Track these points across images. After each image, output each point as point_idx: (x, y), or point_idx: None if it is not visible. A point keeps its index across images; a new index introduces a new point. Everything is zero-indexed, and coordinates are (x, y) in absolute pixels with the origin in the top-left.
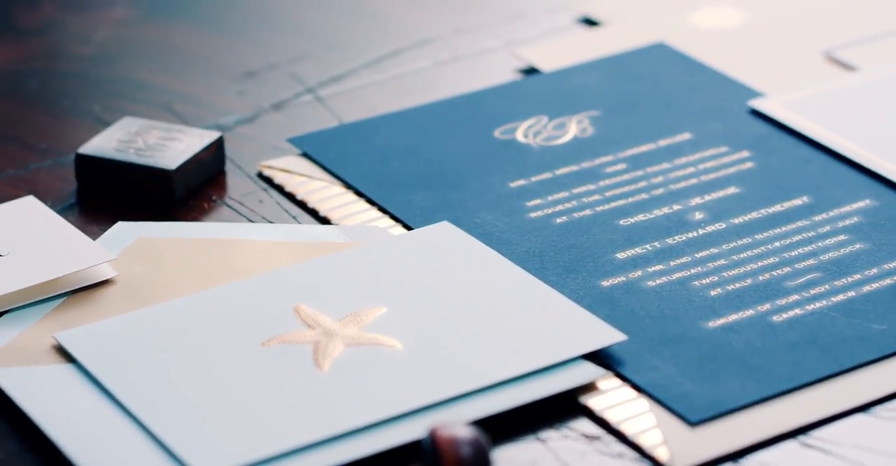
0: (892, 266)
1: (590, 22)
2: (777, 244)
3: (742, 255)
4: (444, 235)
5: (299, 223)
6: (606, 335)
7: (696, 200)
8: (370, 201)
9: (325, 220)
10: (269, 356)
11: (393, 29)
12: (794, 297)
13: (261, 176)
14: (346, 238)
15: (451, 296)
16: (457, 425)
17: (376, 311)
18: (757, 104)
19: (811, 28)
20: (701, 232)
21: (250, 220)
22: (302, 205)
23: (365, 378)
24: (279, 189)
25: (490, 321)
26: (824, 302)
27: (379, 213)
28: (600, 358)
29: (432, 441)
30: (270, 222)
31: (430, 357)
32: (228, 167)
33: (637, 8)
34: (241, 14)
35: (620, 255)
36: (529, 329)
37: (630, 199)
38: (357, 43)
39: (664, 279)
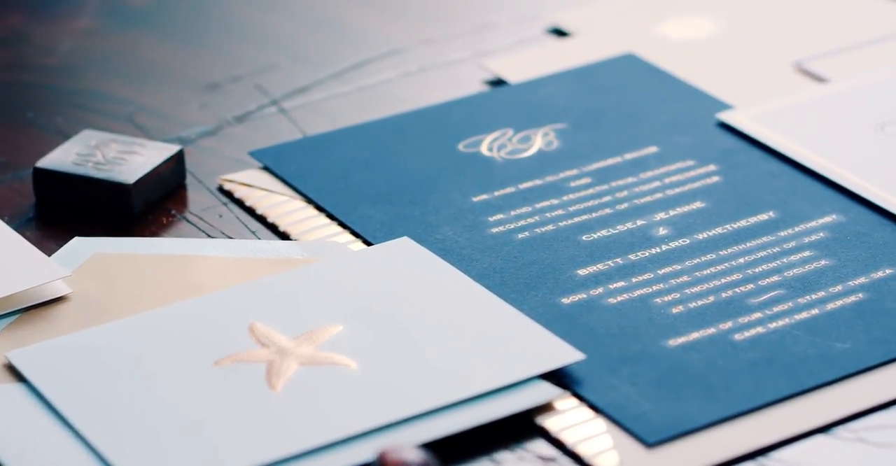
0: (856, 283)
1: (559, 32)
2: (741, 260)
3: (705, 272)
4: (403, 251)
5: (259, 238)
6: (564, 354)
7: (661, 215)
8: (330, 216)
9: (284, 235)
10: (222, 375)
11: (360, 40)
12: (757, 315)
13: (221, 190)
14: (304, 253)
15: (408, 314)
16: (406, 448)
17: (332, 330)
18: (725, 117)
19: (782, 39)
20: (664, 247)
21: (209, 235)
22: (262, 219)
23: (317, 398)
24: (239, 203)
25: (447, 339)
26: (787, 320)
27: (339, 228)
28: (558, 377)
29: (381, 465)
30: (230, 237)
31: (384, 376)
32: (189, 181)
33: (607, 18)
34: (208, 25)
35: (582, 272)
36: (486, 348)
37: (594, 214)
38: (323, 54)
39: (625, 296)
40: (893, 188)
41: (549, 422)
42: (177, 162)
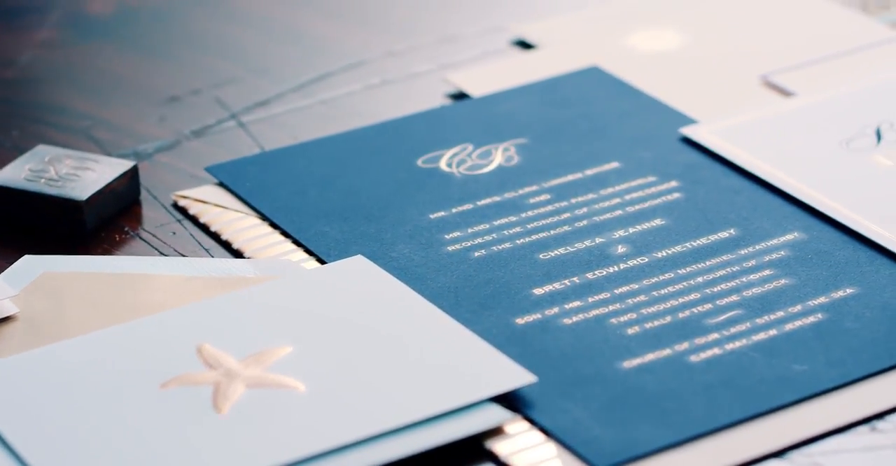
0: (816, 303)
1: (525, 45)
2: (700, 279)
3: (663, 291)
4: (356, 270)
5: (212, 256)
6: (515, 376)
7: (620, 233)
8: (285, 233)
9: (238, 253)
10: (168, 398)
11: (323, 52)
12: (714, 336)
13: (176, 206)
14: (257, 272)
15: (359, 335)
16: None
17: (281, 351)
18: (688, 131)
19: (750, 52)
20: (622, 266)
21: (162, 253)
22: (216, 237)
23: (264, 422)
24: (194, 220)
25: (397, 361)
26: (744, 340)
27: (294, 246)
28: (509, 400)
29: None
30: (183, 255)
31: (332, 399)
32: (144, 196)
33: (574, 30)
34: (170, 36)
35: (538, 291)
36: (437, 370)
37: (552, 232)
38: (286, 66)
39: (581, 316)
40: (857, 205)
41: (498, 446)
42: (131, 178)
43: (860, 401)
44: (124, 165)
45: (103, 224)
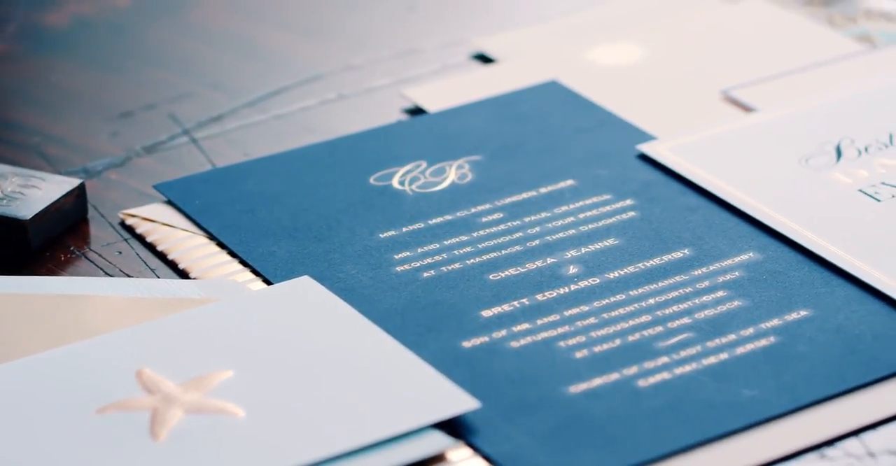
0: (768, 325)
1: (485, 58)
2: (651, 301)
3: (613, 313)
4: (302, 291)
5: (158, 276)
6: (458, 402)
7: (572, 252)
8: (232, 253)
9: (184, 274)
10: (105, 424)
11: (281, 66)
12: (664, 360)
13: (123, 225)
14: (202, 293)
15: (302, 358)
16: None
17: (222, 375)
18: (645, 148)
19: (712, 66)
20: (573, 287)
21: (108, 273)
22: (162, 256)
23: (200, 448)
24: (141, 239)
25: (339, 386)
26: (694, 365)
27: (241, 266)
28: (452, 426)
29: None
30: (128, 275)
31: (271, 425)
32: (92, 215)
33: (534, 44)
34: (127, 50)
35: (486, 313)
36: (379, 395)
37: (503, 252)
38: (242, 81)
39: (529, 339)
40: (814, 224)
41: None
42: (78, 196)
43: (809, 428)
44: (71, 183)
45: (49, 243)
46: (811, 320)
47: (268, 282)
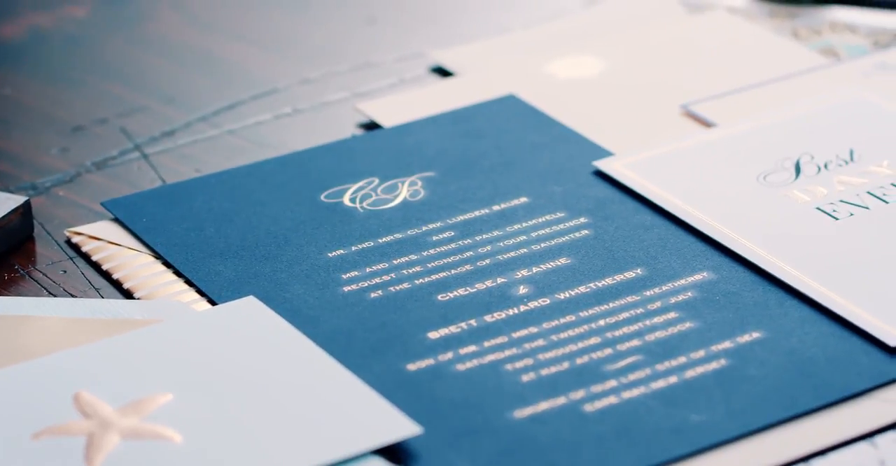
0: (720, 348)
1: (443, 72)
2: (602, 322)
3: (563, 335)
4: (246, 312)
5: (102, 296)
6: (400, 427)
7: (523, 272)
8: (179, 272)
9: (129, 293)
10: (39, 450)
11: (237, 79)
12: (612, 383)
13: (70, 243)
14: (145, 314)
15: (243, 381)
16: None
17: (161, 399)
18: (601, 165)
19: (673, 79)
20: (523, 308)
21: (52, 293)
22: (108, 275)
23: None
24: (86, 258)
25: (280, 410)
26: (643, 388)
27: (186, 286)
28: (394, 452)
29: None
30: (73, 295)
31: (207, 451)
32: (38, 233)
33: (494, 57)
34: (81, 64)
35: (432, 335)
36: (320, 420)
37: (453, 271)
38: (197, 94)
39: (475, 362)
40: (769, 243)
41: None
42: (23, 214)
43: (758, 454)
44: (16, 200)
45: None
46: (763, 342)
47: (213, 303)
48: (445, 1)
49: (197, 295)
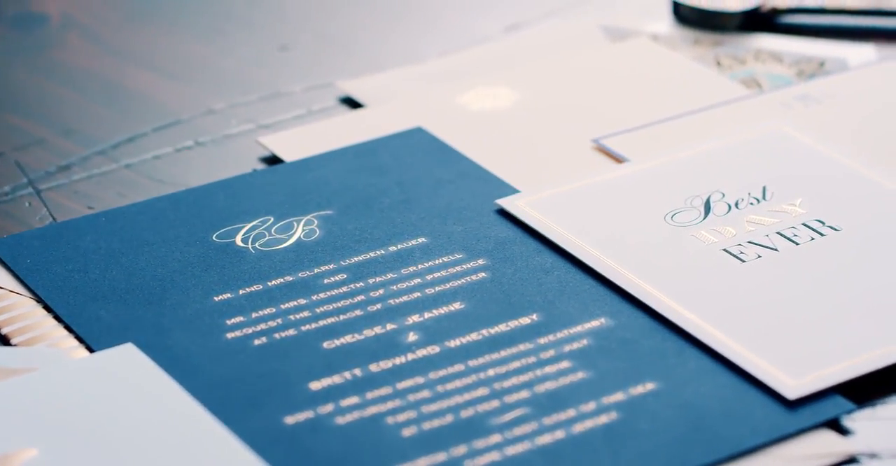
0: (611, 400)
1: (353, 103)
2: (491, 372)
3: (449, 386)
4: (123, 361)
5: None
6: None
7: (414, 318)
8: (59, 317)
9: (5, 339)
10: None
11: (140, 110)
12: (496, 438)
13: None
14: (18, 363)
15: (113, 436)
16: None
17: (25, 454)
18: (504, 203)
19: (587, 111)
20: (410, 356)
21: None
22: None
23: None
24: None
25: (147, 465)
26: (527, 444)
27: (66, 332)
28: None
29: None
30: None
31: None
32: None
33: (404, 87)
34: None
35: (314, 385)
36: None
37: (341, 317)
38: (98, 126)
39: (356, 415)
40: (670, 288)
41: None
42: None
43: None
44: None
45: None
46: (657, 394)
47: (91, 350)
48: (363, 28)
49: (76, 342)
